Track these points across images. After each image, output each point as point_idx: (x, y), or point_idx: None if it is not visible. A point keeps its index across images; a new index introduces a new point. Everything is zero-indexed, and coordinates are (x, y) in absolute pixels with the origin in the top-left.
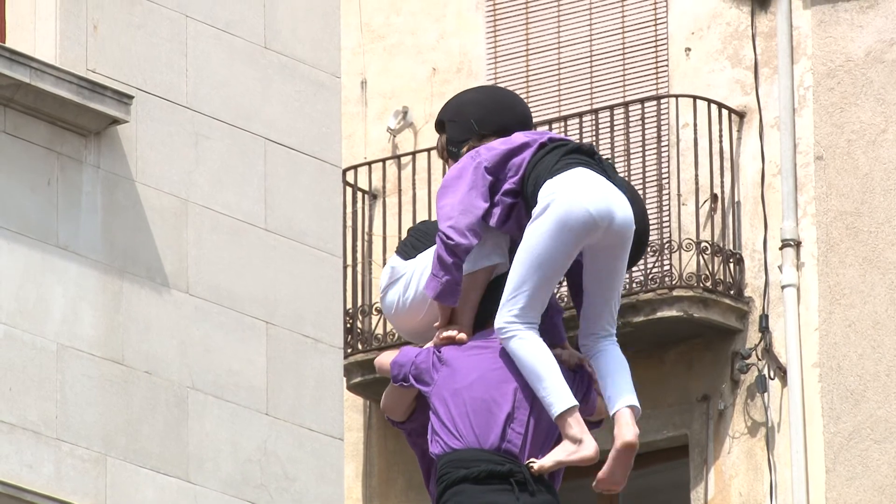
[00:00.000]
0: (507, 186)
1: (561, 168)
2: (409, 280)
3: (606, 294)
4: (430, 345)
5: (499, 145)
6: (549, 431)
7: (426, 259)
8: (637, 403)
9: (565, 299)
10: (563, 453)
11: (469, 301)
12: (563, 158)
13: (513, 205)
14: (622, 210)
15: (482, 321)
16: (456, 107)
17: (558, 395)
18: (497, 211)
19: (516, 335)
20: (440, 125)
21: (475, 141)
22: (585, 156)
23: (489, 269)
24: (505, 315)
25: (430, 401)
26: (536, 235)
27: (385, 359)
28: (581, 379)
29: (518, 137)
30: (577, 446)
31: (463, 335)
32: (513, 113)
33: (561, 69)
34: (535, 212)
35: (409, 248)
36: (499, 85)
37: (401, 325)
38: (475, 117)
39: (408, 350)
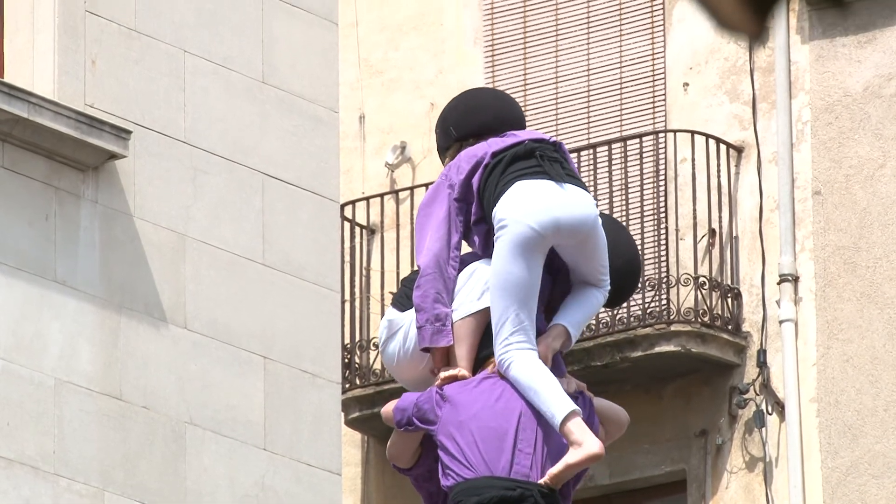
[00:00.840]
0: (473, 217)
1: (501, 189)
2: (407, 330)
3: (587, 271)
4: (432, 387)
5: (465, 163)
6: (558, 451)
7: None
8: (572, 331)
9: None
10: (569, 457)
11: (466, 345)
12: (503, 176)
13: (489, 229)
14: (566, 211)
15: (481, 361)
16: (441, 115)
17: (556, 404)
18: (476, 238)
19: (511, 361)
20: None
21: (455, 147)
22: (525, 159)
23: (483, 313)
24: (498, 349)
25: (437, 438)
26: (498, 265)
27: (389, 408)
28: (582, 406)
29: (475, 152)
30: (582, 447)
31: (464, 373)
32: (489, 113)
33: (558, 104)
34: (494, 241)
35: (403, 299)
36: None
37: (404, 376)
38: (452, 123)
39: (408, 395)
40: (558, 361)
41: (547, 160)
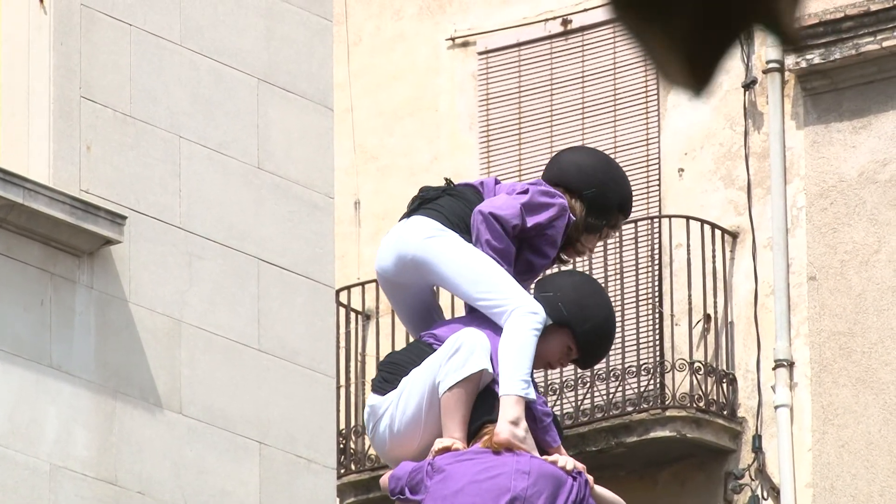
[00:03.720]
0: None
1: None
2: (393, 412)
3: (468, 298)
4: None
5: None
6: None
7: (402, 386)
8: (513, 391)
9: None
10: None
11: (457, 417)
12: None
13: None
14: (378, 257)
15: (476, 431)
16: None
17: None
18: None
19: None
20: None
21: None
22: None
23: (471, 379)
24: None
25: None
26: None
27: (386, 476)
28: (578, 486)
29: None
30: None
31: (458, 444)
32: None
33: None
34: None
35: (383, 383)
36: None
37: (399, 457)
38: None
39: (405, 464)
40: (551, 430)
41: (416, 199)
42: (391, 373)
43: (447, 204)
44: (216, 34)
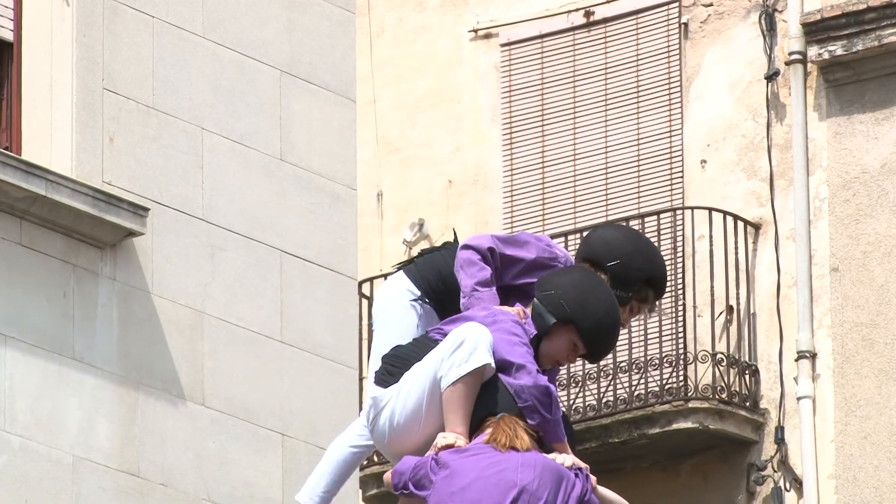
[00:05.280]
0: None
1: None
2: (395, 404)
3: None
4: (429, 452)
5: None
6: None
7: (404, 380)
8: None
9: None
10: None
11: (460, 412)
12: None
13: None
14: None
15: (478, 424)
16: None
17: None
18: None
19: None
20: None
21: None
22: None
23: (478, 374)
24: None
25: None
26: None
27: (390, 472)
28: (580, 480)
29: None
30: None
31: (461, 440)
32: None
33: (576, 181)
34: None
35: (386, 376)
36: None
37: (397, 450)
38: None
39: (407, 459)
40: (560, 425)
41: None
42: (395, 366)
43: (426, 261)
44: (239, 26)
